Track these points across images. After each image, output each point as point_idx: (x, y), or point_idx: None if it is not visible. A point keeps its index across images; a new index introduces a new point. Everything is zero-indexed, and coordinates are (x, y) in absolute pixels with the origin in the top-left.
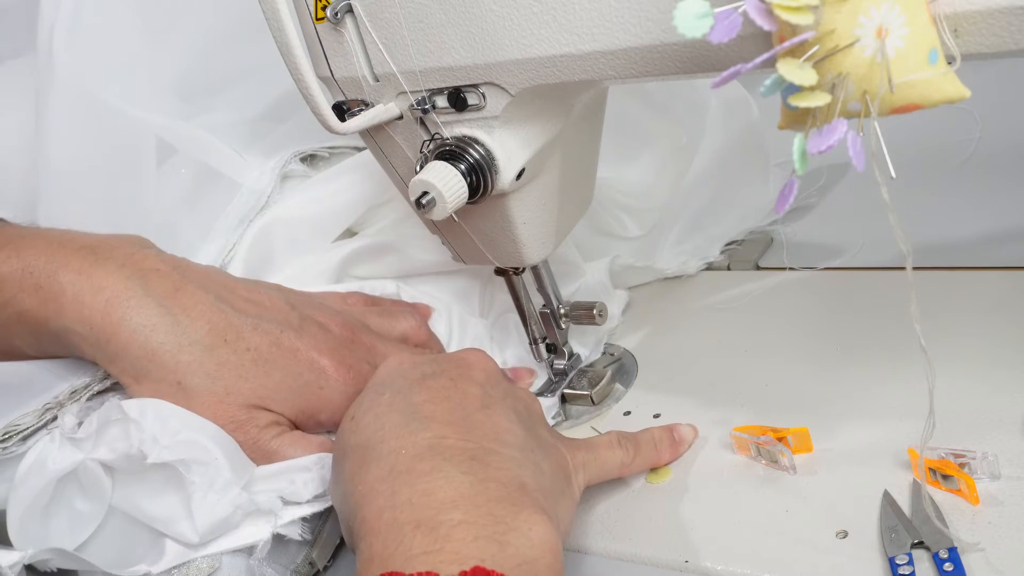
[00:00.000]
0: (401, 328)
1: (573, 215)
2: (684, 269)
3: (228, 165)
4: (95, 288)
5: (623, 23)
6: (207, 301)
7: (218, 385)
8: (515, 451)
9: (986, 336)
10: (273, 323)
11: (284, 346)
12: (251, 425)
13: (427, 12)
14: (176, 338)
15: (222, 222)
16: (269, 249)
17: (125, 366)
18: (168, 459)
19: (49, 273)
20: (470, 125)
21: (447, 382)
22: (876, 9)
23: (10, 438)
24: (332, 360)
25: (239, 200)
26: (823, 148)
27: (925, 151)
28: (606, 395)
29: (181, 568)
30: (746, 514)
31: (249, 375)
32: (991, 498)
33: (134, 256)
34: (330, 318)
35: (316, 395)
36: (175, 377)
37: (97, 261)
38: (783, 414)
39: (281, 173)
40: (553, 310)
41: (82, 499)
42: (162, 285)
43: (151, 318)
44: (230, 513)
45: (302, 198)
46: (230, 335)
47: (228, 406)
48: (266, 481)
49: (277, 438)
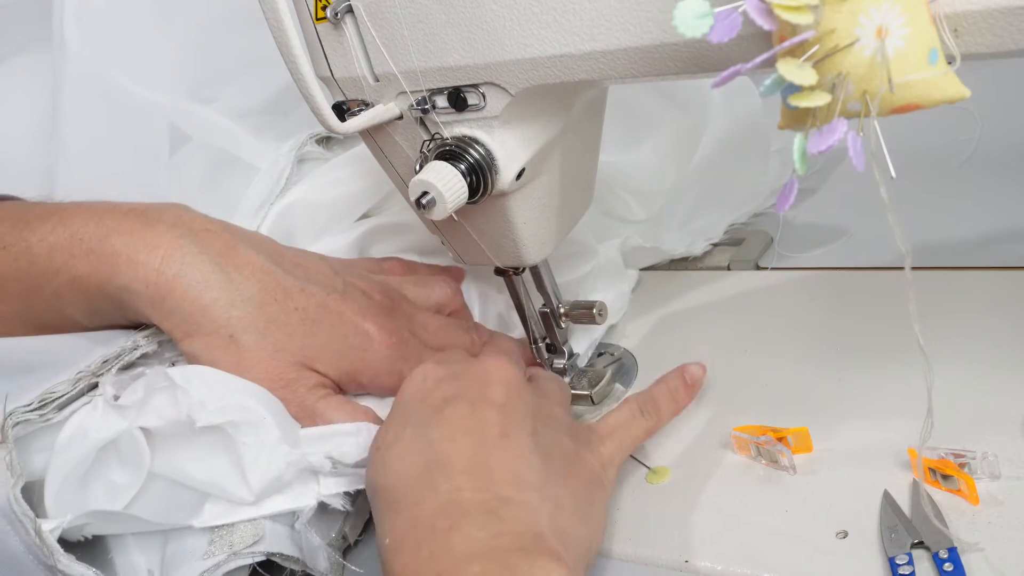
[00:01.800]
0: (436, 297)
1: (573, 215)
2: (690, 250)
3: (244, 149)
4: (149, 247)
5: (623, 23)
6: (258, 261)
7: (267, 341)
8: (532, 493)
9: (986, 336)
10: (319, 286)
11: (330, 308)
12: (299, 384)
13: (427, 12)
14: (229, 294)
15: (244, 206)
16: (290, 231)
17: (178, 321)
18: (217, 422)
19: (100, 237)
20: (470, 125)
21: (466, 409)
22: (876, 9)
23: (46, 405)
24: (375, 325)
25: (258, 183)
26: (823, 148)
27: (925, 151)
28: (606, 395)
29: (226, 532)
30: (746, 514)
31: (296, 333)
32: (991, 498)
33: (183, 217)
34: (371, 286)
35: (360, 357)
36: (227, 331)
37: (148, 223)
38: (783, 414)
39: (298, 155)
40: (553, 310)
41: (119, 470)
42: (215, 243)
43: (205, 274)
44: (283, 470)
45: (321, 180)
46: (279, 294)
47: (277, 363)
48: (313, 444)
49: (323, 400)
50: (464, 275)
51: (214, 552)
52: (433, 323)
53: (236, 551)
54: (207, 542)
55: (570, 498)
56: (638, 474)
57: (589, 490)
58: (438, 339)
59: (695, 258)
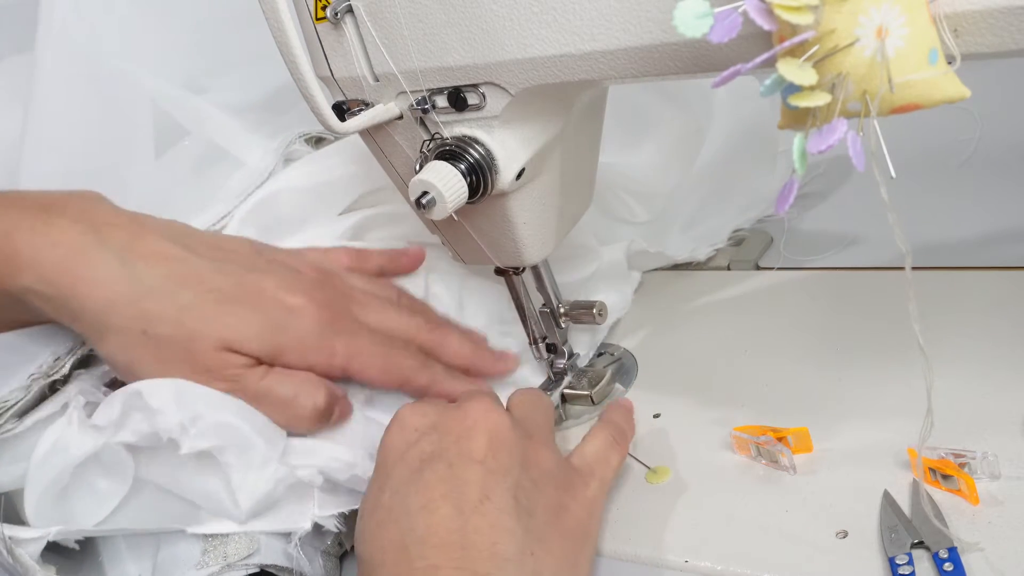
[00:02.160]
0: (383, 294)
1: (573, 215)
2: (694, 255)
3: (233, 143)
4: (50, 244)
5: (623, 23)
6: (165, 248)
7: (182, 331)
8: (510, 566)
9: (986, 336)
10: (236, 265)
11: (248, 286)
12: (228, 370)
13: (427, 12)
14: (134, 287)
15: (221, 194)
16: (271, 220)
17: (89, 322)
18: (201, 447)
19: (3, 234)
20: (470, 125)
21: (445, 472)
22: (876, 9)
23: (2, 414)
24: (303, 298)
25: (240, 175)
26: (823, 148)
27: (925, 151)
28: (606, 395)
29: (220, 543)
30: (746, 514)
31: (212, 316)
32: (991, 498)
33: (87, 211)
34: (301, 263)
35: (285, 334)
36: (139, 326)
37: (50, 218)
38: (783, 414)
39: (285, 153)
40: (553, 309)
41: (104, 479)
42: (118, 236)
43: (109, 270)
44: (272, 488)
45: (305, 169)
46: (191, 279)
47: (196, 353)
48: (302, 456)
49: (263, 379)
50: (423, 257)
51: (207, 562)
52: (374, 303)
53: (230, 563)
54: (200, 551)
55: (553, 565)
56: (638, 474)
57: (574, 548)
58: (379, 319)
59: None
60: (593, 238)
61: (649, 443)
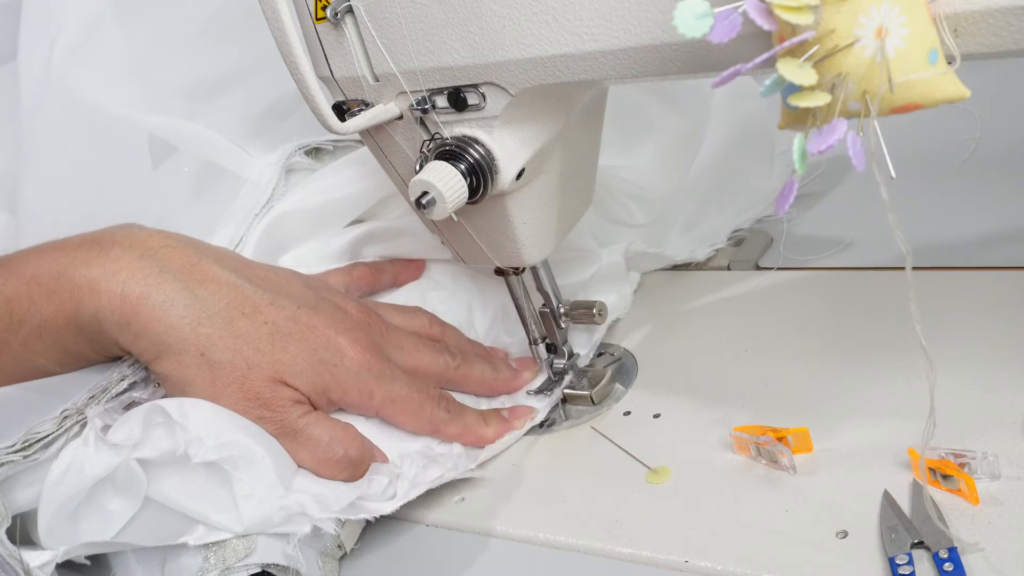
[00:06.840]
0: (415, 326)
1: (573, 215)
2: (693, 256)
3: (230, 160)
4: (109, 273)
5: (623, 23)
6: (223, 275)
7: (239, 359)
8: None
9: (986, 336)
10: (290, 299)
11: (301, 321)
12: (277, 402)
13: (427, 12)
14: (195, 311)
15: (228, 216)
16: (282, 239)
17: (147, 343)
18: (213, 458)
19: (57, 275)
20: (470, 125)
21: None
22: (876, 9)
23: (31, 445)
24: (348, 339)
25: (244, 194)
26: (823, 148)
27: (925, 151)
28: (606, 395)
29: (218, 548)
30: (746, 514)
31: (267, 349)
32: (991, 498)
33: (137, 236)
34: (345, 300)
35: (331, 372)
36: (197, 349)
37: (103, 249)
38: (783, 414)
39: (285, 166)
40: (553, 310)
41: (116, 499)
42: (176, 260)
43: (170, 293)
44: (275, 512)
45: (312, 187)
46: (247, 308)
47: (252, 380)
48: (305, 478)
49: (303, 417)
50: (424, 269)
51: (208, 569)
52: (408, 343)
53: (229, 565)
54: (202, 559)
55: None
56: (638, 474)
57: None
58: (412, 360)
59: None
60: (593, 241)
61: (649, 443)
